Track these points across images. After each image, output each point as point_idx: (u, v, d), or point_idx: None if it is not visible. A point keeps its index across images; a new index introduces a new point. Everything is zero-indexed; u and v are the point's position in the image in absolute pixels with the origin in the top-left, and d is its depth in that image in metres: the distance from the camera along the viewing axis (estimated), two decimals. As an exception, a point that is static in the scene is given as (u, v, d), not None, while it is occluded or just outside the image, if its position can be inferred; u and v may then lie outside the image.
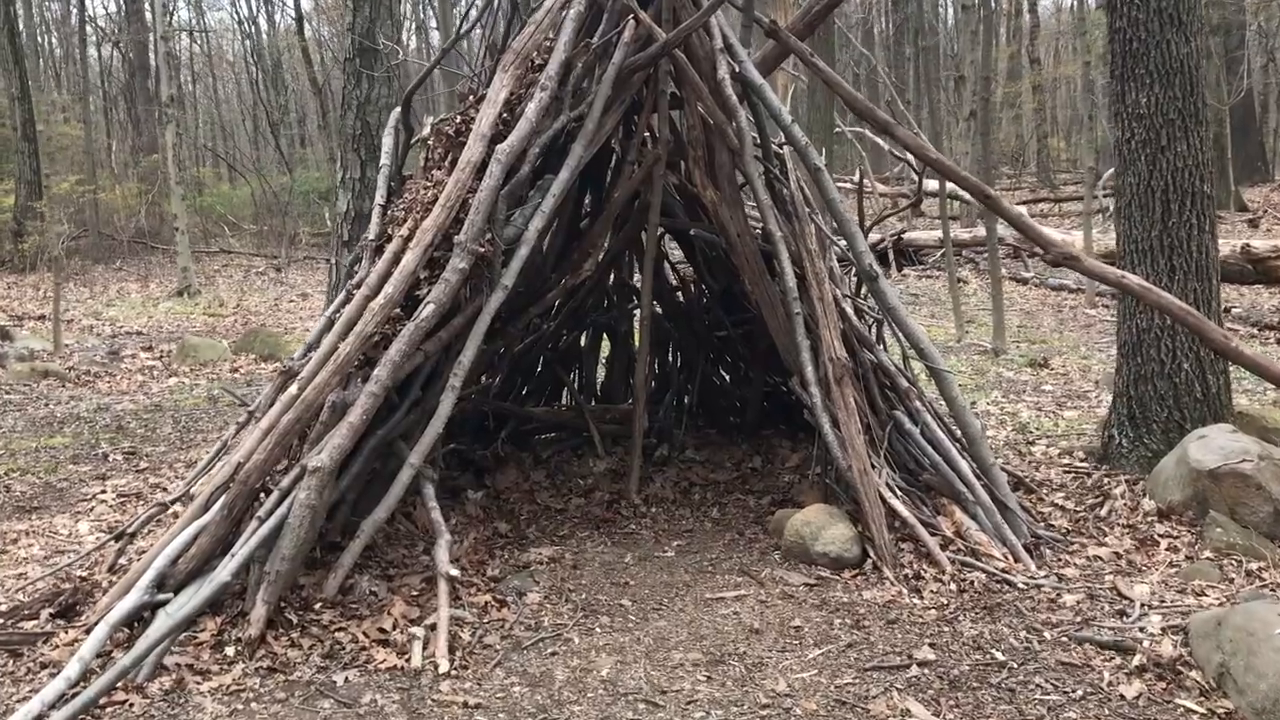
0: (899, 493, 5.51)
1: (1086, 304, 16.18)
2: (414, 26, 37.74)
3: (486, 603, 4.87)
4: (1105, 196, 20.64)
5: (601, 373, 8.04)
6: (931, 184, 21.31)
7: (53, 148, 31.52)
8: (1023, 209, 20.86)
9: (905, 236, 21.11)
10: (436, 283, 5.03)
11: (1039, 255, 5.51)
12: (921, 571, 5.10)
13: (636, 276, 7.19)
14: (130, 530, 5.33)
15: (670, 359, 7.70)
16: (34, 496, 6.98)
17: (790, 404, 7.46)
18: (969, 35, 26.81)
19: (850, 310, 5.91)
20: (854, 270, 6.16)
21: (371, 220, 5.63)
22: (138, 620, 4.47)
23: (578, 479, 6.97)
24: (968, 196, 21.22)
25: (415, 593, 4.91)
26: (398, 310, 5.07)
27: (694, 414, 7.71)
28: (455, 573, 4.57)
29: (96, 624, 4.33)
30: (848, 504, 5.66)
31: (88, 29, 35.88)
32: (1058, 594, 4.84)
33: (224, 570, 4.37)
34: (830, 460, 5.70)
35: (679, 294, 7.42)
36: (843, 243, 5.95)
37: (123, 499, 6.86)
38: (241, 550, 4.47)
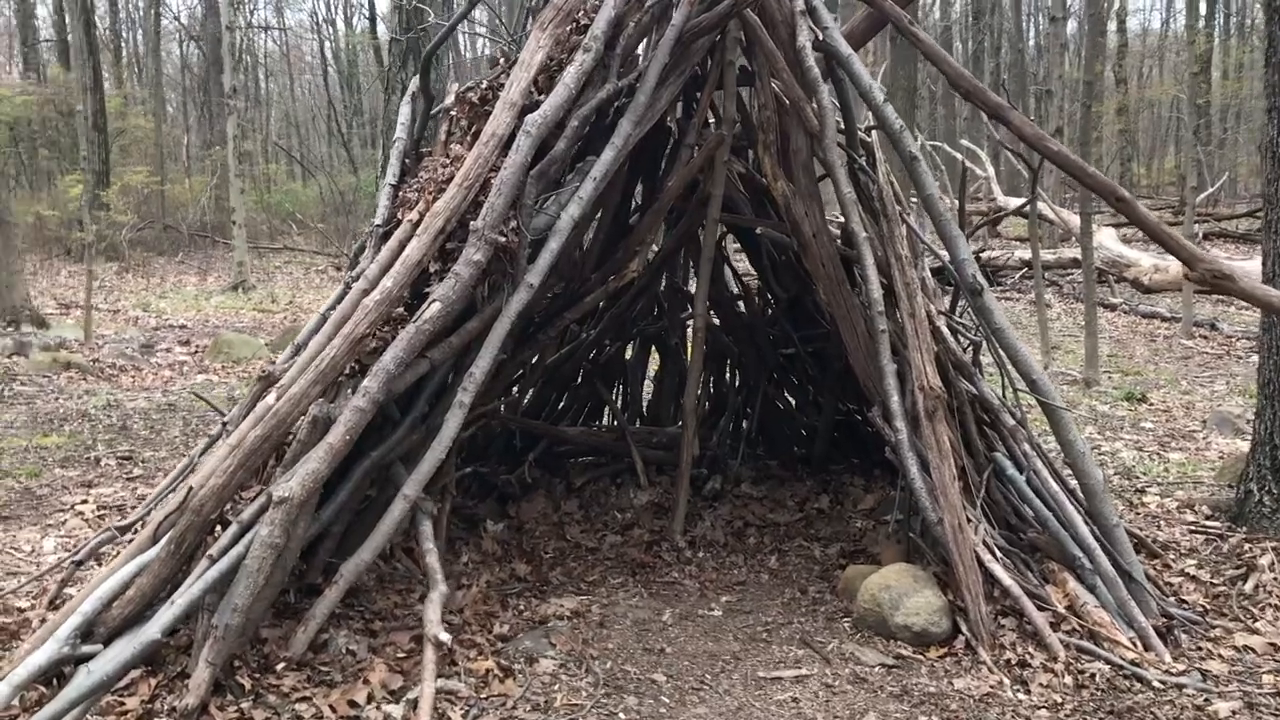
0: (999, 554, 4.52)
1: (1182, 334, 14.91)
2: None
3: (488, 671, 3.96)
4: (1196, 222, 19.31)
5: (649, 391, 7.10)
6: (1017, 200, 20.13)
7: (127, 140, 31.58)
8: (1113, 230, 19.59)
9: (983, 256, 19.91)
10: (446, 277, 4.15)
11: (1186, 274, 4.48)
12: (1027, 657, 4.10)
13: (693, 281, 6.24)
14: (78, 558, 4.50)
15: (728, 378, 6.74)
16: (8, 504, 6.22)
17: (866, 436, 6.48)
18: (1057, 48, 25.56)
19: (946, 330, 4.92)
20: (952, 282, 5.18)
21: (379, 202, 4.77)
22: (57, 676, 3.63)
23: (615, 512, 6.04)
24: (1052, 216, 20.01)
25: (402, 654, 4.02)
26: (401, 310, 4.20)
27: (753, 442, 6.75)
28: (446, 638, 3.66)
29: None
30: (935, 564, 4.68)
31: (169, 24, 36.03)
32: (1206, 700, 3.81)
33: (154, 625, 3.50)
34: (915, 509, 4.72)
35: (740, 303, 6.45)
36: (941, 249, 4.97)
37: (103, 512, 6.07)
38: (182, 598, 3.60)
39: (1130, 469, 7.39)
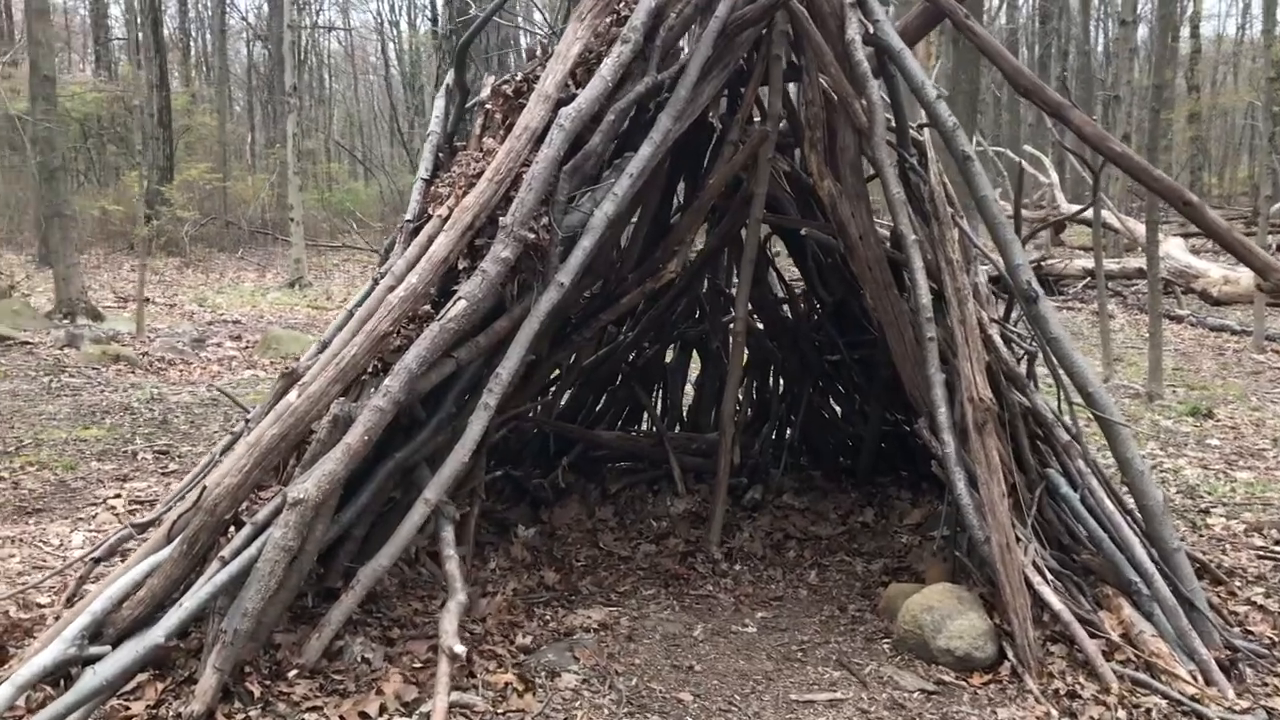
0: (1049, 576, 4.27)
1: (1253, 348, 14.38)
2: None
3: (507, 684, 3.80)
4: (1270, 233, 18.68)
5: (690, 395, 6.92)
6: (1073, 207, 19.63)
7: (192, 137, 32.09)
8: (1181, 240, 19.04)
9: (1045, 264, 19.44)
10: (473, 274, 4.00)
11: (1258, 285, 4.20)
12: (1077, 687, 3.86)
13: (735, 283, 6.04)
14: (97, 555, 4.42)
15: (771, 384, 6.54)
16: (41, 496, 6.19)
17: (914, 448, 6.23)
18: (1126, 53, 24.96)
19: (998, 339, 4.68)
20: (1006, 289, 4.95)
21: (411, 197, 4.64)
22: (64, 678, 3.54)
23: (651, 520, 5.86)
24: (1117, 224, 19.49)
25: (419, 664, 3.87)
26: (427, 307, 4.06)
27: (795, 452, 6.54)
28: (461, 650, 3.51)
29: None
30: (981, 585, 4.45)
31: (237, 23, 36.58)
32: (1272, 741, 3.55)
33: (159, 628, 3.39)
34: (962, 526, 4.49)
35: (784, 307, 6.25)
36: (994, 253, 4.73)
37: (134, 506, 6.02)
38: (189, 601, 3.49)
39: (1194, 488, 7.07)
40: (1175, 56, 32.96)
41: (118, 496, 6.18)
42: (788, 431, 6.50)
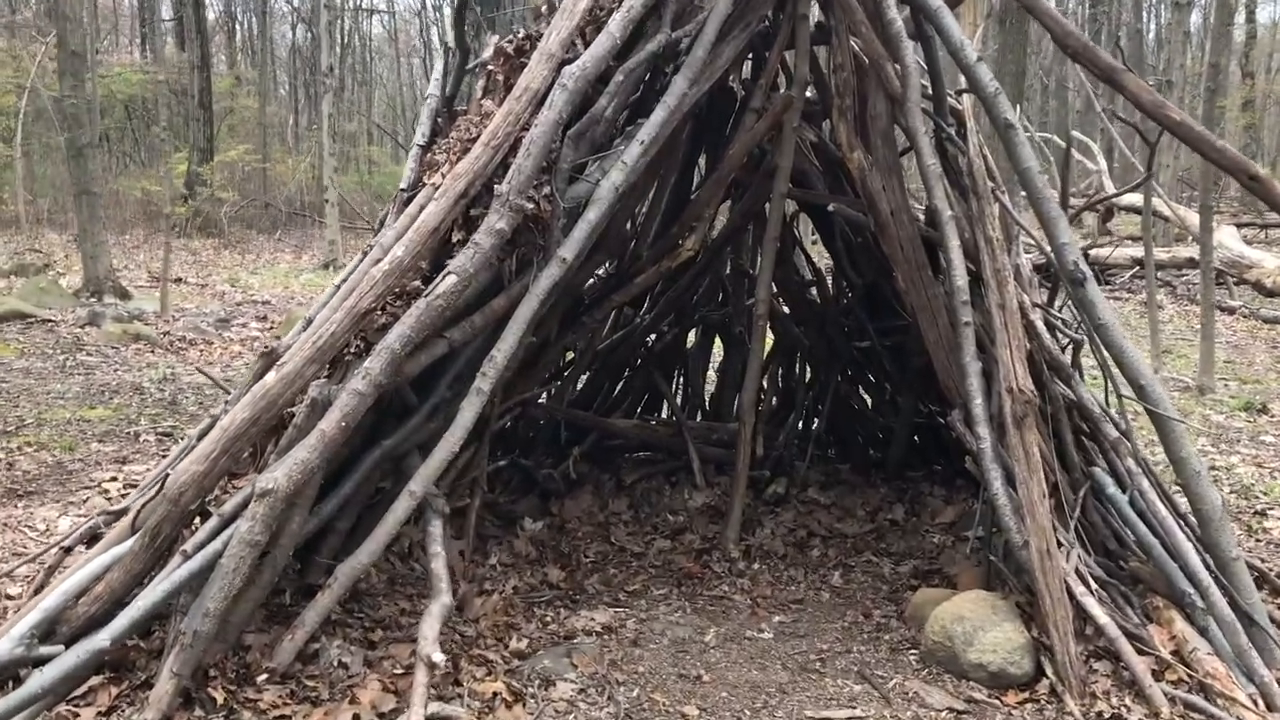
0: (1093, 586, 3.90)
1: (1310, 341, 13.83)
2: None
3: (495, 694, 3.48)
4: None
5: (713, 383, 6.57)
6: (1130, 198, 18.98)
7: (236, 120, 32.10)
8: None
9: (1091, 253, 18.84)
10: (465, 247, 3.68)
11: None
12: (1124, 710, 3.49)
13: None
14: (67, 544, 4.15)
15: (797, 372, 6.17)
16: (36, 478, 5.96)
17: (948, 441, 5.86)
18: (1180, 37, 24.19)
19: (1041, 325, 4.30)
20: (1050, 273, 4.56)
21: (406, 164, 4.33)
22: (14, 679, 3.27)
23: (667, 514, 5.53)
24: (1167, 212, 18.82)
25: (401, 670, 3.56)
26: (417, 283, 3.74)
27: (822, 444, 6.17)
28: (440, 658, 3.20)
29: (-53, 681, 3.13)
30: (1018, 592, 4.08)
31: (281, 6, 36.49)
32: (1344, 777, 3.16)
33: (106, 631, 3.10)
34: (998, 528, 4.12)
35: (812, 289, 5.87)
36: (1038, 232, 4.35)
37: (129, 490, 5.76)
38: (143, 599, 3.21)
39: (1248, 488, 6.63)
40: (1230, 41, 32.01)
41: (114, 480, 5.94)
42: (814, 422, 6.13)
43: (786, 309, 5.87)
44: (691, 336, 6.27)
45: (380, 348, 3.50)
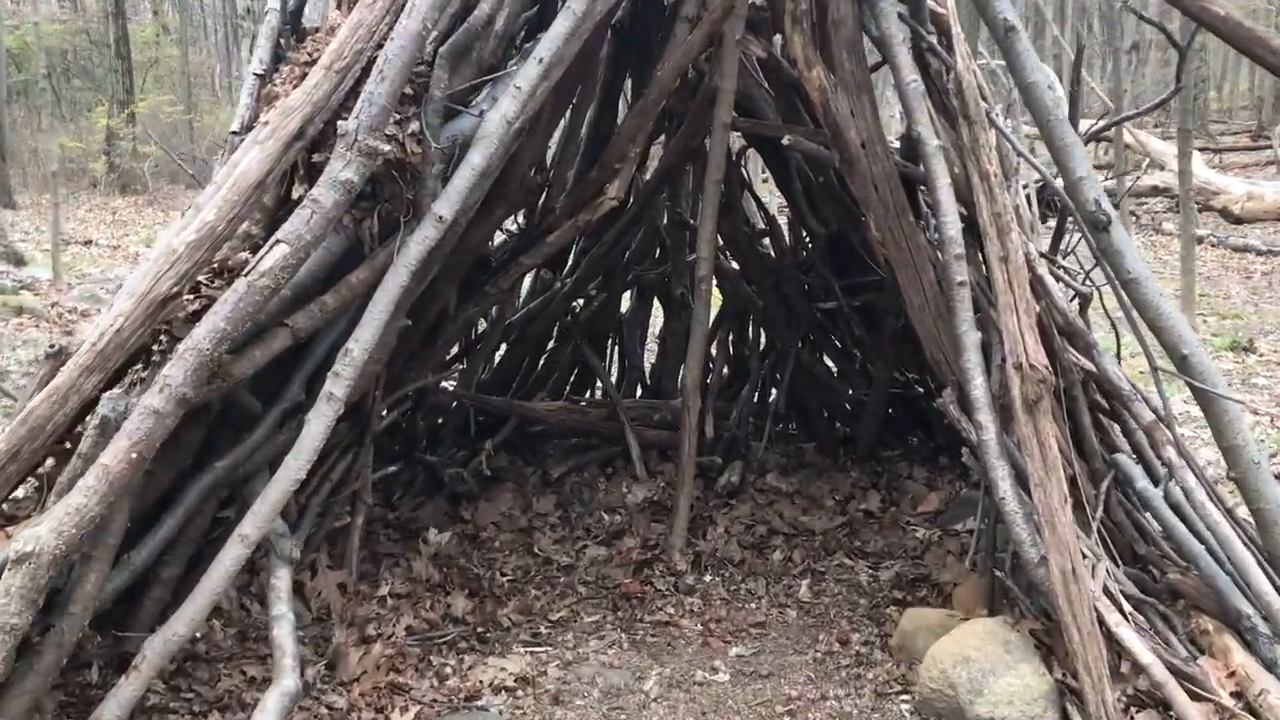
0: (1128, 609, 3.09)
1: (1284, 269, 13.20)
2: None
3: (363, 802, 2.61)
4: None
5: (654, 354, 5.67)
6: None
7: (161, 70, 30.43)
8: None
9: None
10: (301, 206, 2.75)
11: None
12: (1181, 780, 2.69)
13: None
14: None
15: (751, 338, 5.28)
16: None
17: (926, 412, 5.03)
18: (1134, -43, 23.30)
19: (1051, 280, 3.45)
20: (1054, 209, 3.72)
21: (240, 99, 3.37)
22: None
23: (601, 513, 4.67)
24: (1131, 141, 18.06)
25: (236, 773, 2.68)
26: (244, 255, 2.81)
27: (782, 420, 5.31)
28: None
29: None
30: (1031, 616, 3.28)
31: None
32: None
33: None
34: (1002, 538, 3.30)
35: (765, 241, 4.96)
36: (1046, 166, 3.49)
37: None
38: None
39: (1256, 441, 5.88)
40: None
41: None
42: (771, 395, 5.26)
43: (735, 265, 4.96)
44: (626, 300, 5.36)
45: (184, 349, 2.57)
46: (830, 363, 5.23)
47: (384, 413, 3.86)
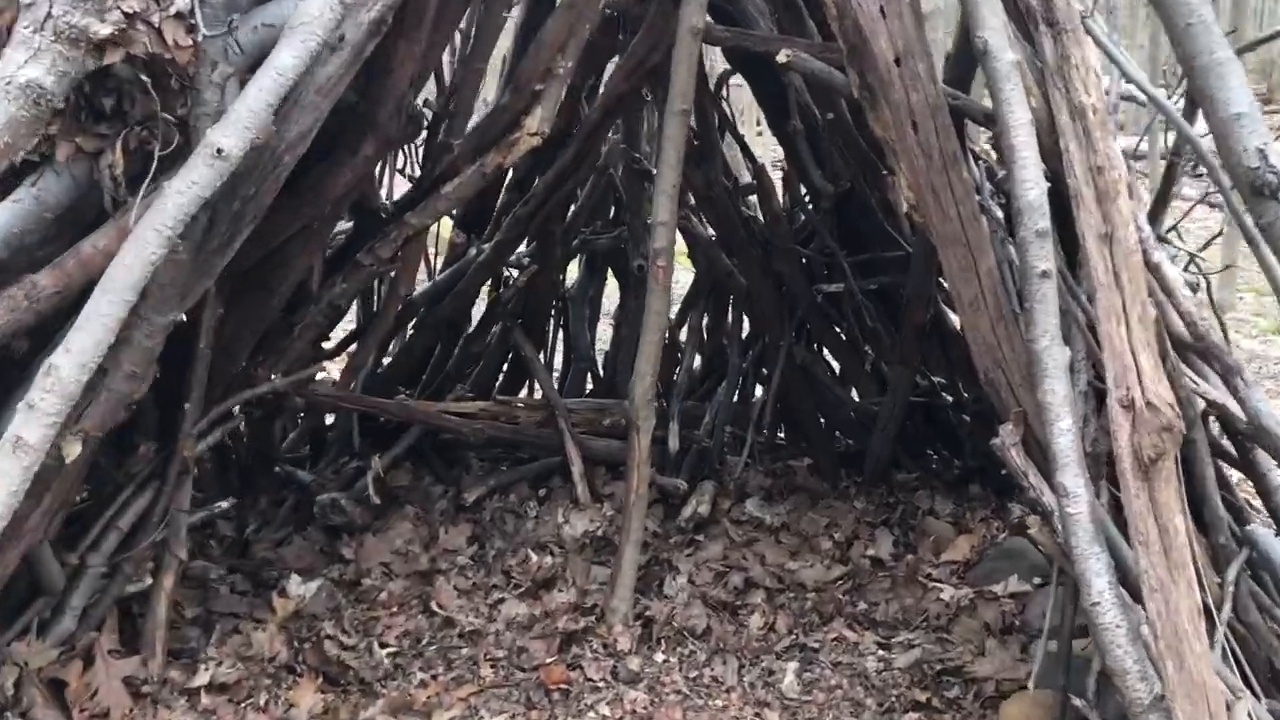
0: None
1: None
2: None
3: None
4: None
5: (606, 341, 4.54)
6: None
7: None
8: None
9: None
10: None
11: None
12: None
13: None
14: None
15: (730, 324, 4.14)
16: None
17: (951, 424, 3.93)
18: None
19: (1173, 272, 2.34)
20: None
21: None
22: None
23: (529, 550, 3.55)
24: (1141, 95, 16.88)
25: None
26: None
27: (768, 429, 4.20)
28: None
29: None
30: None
31: None
32: None
33: None
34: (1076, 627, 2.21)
35: (750, 200, 3.80)
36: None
37: None
38: None
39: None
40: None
41: None
42: (755, 397, 4.14)
43: (711, 231, 3.81)
44: (572, 271, 4.23)
45: None
46: (832, 360, 4.09)
47: (206, 430, 2.74)
